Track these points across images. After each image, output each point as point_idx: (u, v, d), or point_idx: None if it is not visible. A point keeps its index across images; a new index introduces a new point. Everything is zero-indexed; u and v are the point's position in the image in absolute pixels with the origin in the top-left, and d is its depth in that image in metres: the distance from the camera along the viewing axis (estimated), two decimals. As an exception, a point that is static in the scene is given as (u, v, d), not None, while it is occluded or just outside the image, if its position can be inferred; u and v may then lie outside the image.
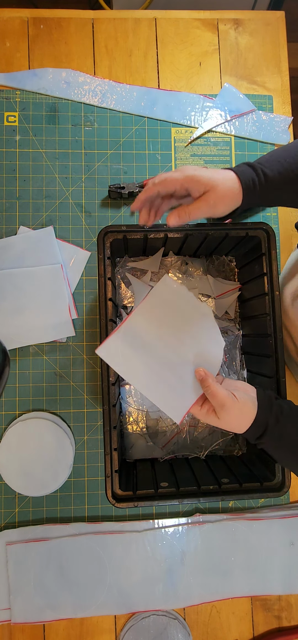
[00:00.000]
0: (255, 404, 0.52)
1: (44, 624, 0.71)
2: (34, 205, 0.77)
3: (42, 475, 0.72)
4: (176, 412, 0.55)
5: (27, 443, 0.72)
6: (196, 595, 0.72)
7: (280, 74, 0.83)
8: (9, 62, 0.79)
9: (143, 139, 0.80)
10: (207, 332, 0.57)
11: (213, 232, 0.63)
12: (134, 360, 0.56)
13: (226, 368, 0.74)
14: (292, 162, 0.52)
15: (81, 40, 0.81)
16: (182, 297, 0.58)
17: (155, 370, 0.56)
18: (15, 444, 0.72)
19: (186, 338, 0.57)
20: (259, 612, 0.74)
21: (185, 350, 0.56)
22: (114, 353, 0.56)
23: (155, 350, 0.56)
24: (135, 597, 0.71)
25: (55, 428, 0.73)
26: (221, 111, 0.81)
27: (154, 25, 0.82)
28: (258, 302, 0.66)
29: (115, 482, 0.60)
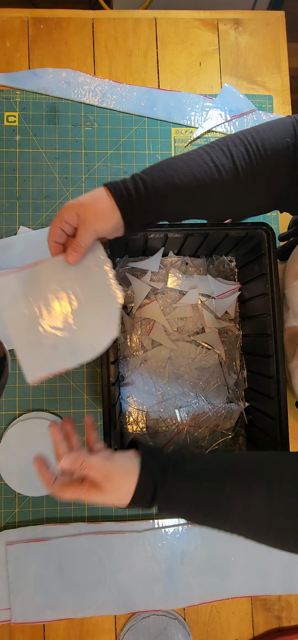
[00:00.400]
0: (136, 469, 0.46)
1: (44, 624, 0.71)
2: (34, 205, 0.77)
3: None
4: (33, 371, 0.50)
5: (27, 443, 0.72)
6: (196, 595, 0.72)
7: (280, 74, 0.83)
8: (9, 62, 0.79)
9: (143, 139, 0.80)
10: (103, 289, 0.51)
11: (213, 232, 0.63)
12: (21, 309, 0.50)
13: (226, 368, 0.74)
14: (174, 172, 0.47)
15: (81, 40, 0.81)
16: (94, 267, 0.51)
17: (36, 323, 0.50)
18: (15, 444, 0.72)
19: (83, 303, 0.51)
20: (259, 612, 0.74)
21: (79, 314, 0.50)
22: (4, 291, 0.50)
23: (47, 307, 0.50)
24: (135, 597, 0.71)
25: (55, 428, 0.73)
26: (221, 111, 0.81)
27: (154, 25, 0.82)
28: (258, 302, 0.66)
29: (115, 482, 0.59)
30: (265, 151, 0.47)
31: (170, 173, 0.47)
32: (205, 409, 0.73)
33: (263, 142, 0.47)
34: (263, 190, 0.49)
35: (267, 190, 0.49)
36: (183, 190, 0.47)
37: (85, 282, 0.51)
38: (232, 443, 0.74)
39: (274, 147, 0.47)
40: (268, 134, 0.47)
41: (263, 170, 0.47)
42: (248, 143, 0.47)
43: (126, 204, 0.47)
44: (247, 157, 0.47)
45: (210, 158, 0.47)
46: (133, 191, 0.46)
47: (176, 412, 0.73)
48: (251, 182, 0.48)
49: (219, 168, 0.46)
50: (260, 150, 0.47)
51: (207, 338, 0.74)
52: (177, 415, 0.73)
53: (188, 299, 0.72)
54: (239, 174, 0.47)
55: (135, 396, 0.73)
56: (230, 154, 0.47)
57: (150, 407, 0.73)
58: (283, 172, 0.48)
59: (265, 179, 0.48)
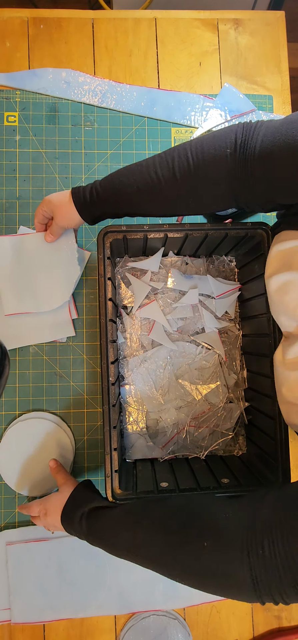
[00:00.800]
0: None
1: (44, 624, 0.71)
2: (34, 205, 0.77)
3: (42, 475, 0.72)
4: (8, 307, 0.71)
5: (27, 443, 0.72)
6: (196, 595, 0.72)
7: (280, 73, 0.83)
8: (9, 62, 0.79)
9: (143, 139, 0.80)
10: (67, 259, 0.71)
11: (213, 232, 0.63)
12: (8, 262, 0.71)
13: (226, 368, 0.74)
14: (126, 180, 0.57)
15: (81, 40, 0.81)
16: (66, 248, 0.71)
17: (16, 276, 0.71)
18: (15, 444, 0.72)
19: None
20: (259, 612, 0.74)
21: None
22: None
23: (25, 266, 0.71)
24: (135, 597, 0.71)
25: (55, 428, 0.73)
26: (221, 111, 0.81)
27: (154, 25, 0.82)
28: (258, 302, 0.66)
29: (115, 482, 0.60)
30: (204, 160, 0.52)
31: (119, 184, 0.58)
32: (205, 409, 0.73)
33: (203, 153, 0.52)
34: (204, 195, 0.55)
35: (208, 194, 0.55)
36: (127, 197, 0.58)
37: (55, 255, 0.71)
38: (232, 443, 0.74)
39: (211, 155, 0.52)
40: (209, 145, 0.52)
41: (201, 178, 0.53)
42: (191, 154, 0.53)
43: (84, 208, 0.61)
44: (186, 166, 0.53)
45: (154, 170, 0.55)
46: (88, 199, 0.60)
47: (176, 412, 0.73)
48: (190, 188, 0.55)
49: (160, 179, 0.55)
50: (200, 159, 0.52)
51: (207, 338, 0.74)
52: (177, 415, 0.73)
53: (188, 299, 0.72)
54: (178, 182, 0.54)
55: (135, 396, 0.73)
56: (173, 165, 0.54)
57: (150, 407, 0.73)
58: (222, 179, 0.52)
59: (204, 186, 0.54)
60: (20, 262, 0.71)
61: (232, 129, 0.52)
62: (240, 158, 0.50)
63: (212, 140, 0.52)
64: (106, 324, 0.60)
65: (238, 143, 0.50)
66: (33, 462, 0.72)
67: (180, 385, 0.73)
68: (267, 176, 0.49)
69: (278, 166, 0.48)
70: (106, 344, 0.60)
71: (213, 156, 0.52)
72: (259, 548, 0.41)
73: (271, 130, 0.48)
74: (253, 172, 0.50)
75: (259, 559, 0.40)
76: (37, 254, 0.71)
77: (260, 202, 0.53)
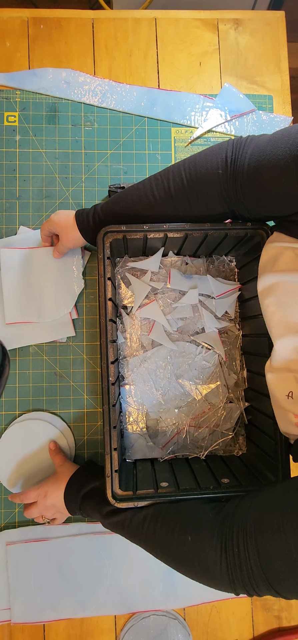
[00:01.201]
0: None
1: (44, 624, 0.71)
2: (34, 205, 0.77)
3: (41, 475, 0.72)
4: (10, 315, 0.73)
5: (27, 443, 0.72)
6: (196, 595, 0.72)
7: (280, 73, 0.83)
8: (9, 62, 0.79)
9: (143, 139, 0.80)
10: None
11: (213, 232, 0.63)
12: (16, 272, 0.74)
13: (226, 368, 0.74)
14: (125, 204, 0.61)
15: (81, 40, 0.81)
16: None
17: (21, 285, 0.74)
18: (15, 444, 0.72)
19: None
20: (259, 612, 0.74)
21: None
22: (9, 257, 0.74)
23: (31, 278, 0.74)
24: (135, 597, 0.71)
25: (55, 428, 0.73)
26: (221, 111, 0.81)
27: (154, 25, 0.82)
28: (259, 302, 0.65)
29: (115, 482, 0.59)
30: (197, 178, 0.56)
31: (119, 209, 0.61)
32: (205, 409, 0.73)
33: (196, 173, 0.55)
34: (200, 210, 0.59)
35: (203, 209, 0.59)
36: (127, 218, 0.61)
37: (62, 270, 0.75)
38: (232, 443, 0.74)
39: (204, 176, 0.55)
40: (201, 164, 0.55)
41: (195, 197, 0.57)
42: (184, 174, 0.56)
43: (87, 232, 0.65)
44: (180, 185, 0.56)
45: (151, 192, 0.59)
46: (91, 221, 0.64)
47: (176, 412, 0.73)
48: (184, 202, 0.58)
49: (157, 199, 0.59)
50: (193, 177, 0.56)
51: (207, 338, 0.74)
52: (177, 415, 0.73)
53: (188, 299, 0.72)
54: (174, 201, 0.58)
55: (135, 396, 0.73)
56: (168, 186, 0.57)
57: (150, 407, 0.73)
58: (215, 196, 0.56)
59: (198, 204, 0.58)
60: (27, 274, 0.74)
61: (223, 147, 0.55)
62: (230, 177, 0.53)
63: (204, 159, 0.56)
64: (106, 324, 0.60)
65: (229, 162, 0.53)
66: (33, 462, 0.72)
67: (180, 385, 0.73)
68: (256, 194, 0.52)
69: (265, 184, 0.50)
70: (106, 344, 0.60)
71: (206, 176, 0.55)
72: (235, 547, 0.46)
73: (258, 149, 0.51)
74: (243, 190, 0.53)
75: (235, 558, 0.46)
76: (44, 267, 0.74)
77: (253, 215, 0.57)
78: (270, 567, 0.43)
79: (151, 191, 0.59)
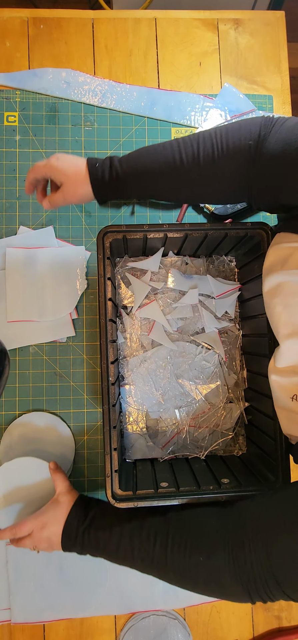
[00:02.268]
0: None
1: (44, 624, 0.71)
2: (34, 205, 0.77)
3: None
4: (12, 314, 0.73)
5: (27, 443, 0.72)
6: (196, 595, 0.71)
7: (280, 74, 0.83)
8: (9, 62, 0.79)
9: (143, 139, 0.80)
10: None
11: (213, 232, 0.63)
12: (19, 272, 0.74)
13: (226, 368, 0.74)
14: (148, 159, 0.56)
15: (81, 40, 0.81)
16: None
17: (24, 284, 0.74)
18: (15, 444, 0.72)
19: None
20: (259, 612, 0.74)
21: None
22: (13, 256, 0.74)
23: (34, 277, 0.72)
24: (135, 597, 0.71)
25: (55, 428, 0.73)
26: (221, 111, 0.81)
27: (154, 25, 0.82)
28: (258, 302, 0.66)
29: (115, 482, 0.59)
30: (228, 150, 0.52)
31: (141, 166, 0.55)
32: (205, 409, 0.73)
33: (227, 141, 0.52)
34: (223, 183, 0.55)
35: (226, 182, 0.55)
36: (149, 180, 0.56)
37: (65, 271, 0.74)
38: (232, 443, 0.74)
39: (236, 147, 0.52)
40: (234, 134, 0.53)
41: (222, 166, 0.53)
42: (215, 141, 0.53)
43: (100, 187, 0.57)
44: (211, 153, 0.53)
45: (179, 153, 0.54)
46: (107, 179, 0.56)
47: (176, 412, 0.73)
48: (211, 174, 0.54)
49: (183, 161, 0.54)
50: (224, 148, 0.53)
51: (207, 338, 0.74)
52: (177, 415, 0.73)
53: (188, 299, 0.72)
54: (200, 166, 0.53)
55: (135, 396, 0.73)
56: (197, 149, 0.53)
57: (150, 407, 0.73)
58: (242, 170, 0.53)
59: (224, 173, 0.54)
60: (31, 273, 0.74)
61: (255, 121, 0.52)
62: (258, 152, 0.51)
63: (237, 130, 0.53)
64: (106, 324, 0.60)
65: (261, 136, 0.51)
66: (25, 499, 0.70)
67: (180, 385, 0.73)
68: (278, 176, 0.50)
69: (286, 166, 0.49)
70: (106, 344, 0.60)
71: (236, 145, 0.52)
72: (248, 561, 0.46)
73: (285, 129, 0.49)
74: (267, 167, 0.51)
75: (248, 572, 0.46)
76: (48, 268, 0.74)
77: (268, 198, 0.54)
78: (281, 573, 0.43)
79: (179, 153, 0.54)
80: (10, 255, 0.74)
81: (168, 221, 0.78)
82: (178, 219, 0.78)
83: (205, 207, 0.77)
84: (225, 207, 0.76)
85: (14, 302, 0.73)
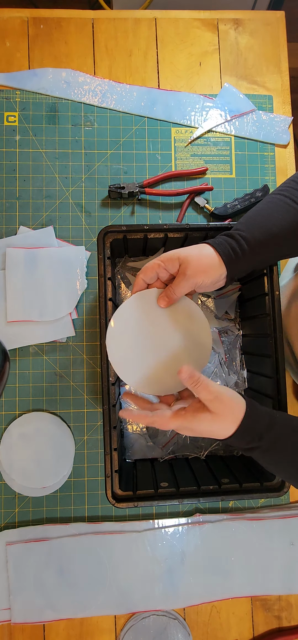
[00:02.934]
0: (243, 401, 0.49)
1: (44, 624, 0.71)
2: (34, 205, 0.77)
3: (42, 475, 0.72)
4: (12, 314, 0.72)
5: (27, 443, 0.72)
6: (196, 595, 0.72)
7: (280, 74, 0.83)
8: (9, 62, 0.79)
9: (143, 139, 0.80)
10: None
11: (213, 232, 0.63)
12: (19, 272, 0.72)
13: (226, 368, 0.74)
14: (268, 221, 0.52)
15: (81, 40, 0.81)
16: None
17: (23, 286, 0.72)
18: (15, 444, 0.72)
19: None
20: (259, 612, 0.74)
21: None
22: (13, 257, 0.72)
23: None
24: (135, 597, 0.71)
25: (55, 428, 0.73)
26: (221, 111, 0.81)
27: (154, 25, 0.82)
28: (258, 302, 0.66)
29: (115, 482, 0.60)
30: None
31: (266, 224, 0.51)
32: (205, 409, 0.73)
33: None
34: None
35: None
36: (280, 237, 0.51)
37: (66, 271, 0.74)
38: (232, 443, 0.74)
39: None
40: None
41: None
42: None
43: (233, 262, 0.51)
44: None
45: (293, 207, 0.51)
46: (238, 250, 0.51)
47: (176, 412, 0.73)
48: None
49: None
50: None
51: (207, 338, 0.74)
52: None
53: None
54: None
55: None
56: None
57: (150, 407, 0.73)
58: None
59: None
60: (31, 274, 0.74)
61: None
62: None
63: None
64: (106, 324, 0.60)
65: None
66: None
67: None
68: None
69: None
70: (106, 344, 0.60)
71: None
72: None
73: None
74: None
75: None
76: (48, 268, 0.74)
77: None
78: None
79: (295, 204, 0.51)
80: (10, 255, 0.74)
81: (169, 221, 0.78)
82: (179, 219, 0.78)
83: (205, 207, 0.77)
84: (225, 207, 0.76)
85: (14, 302, 0.73)
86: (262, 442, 0.48)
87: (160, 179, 0.77)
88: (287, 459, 0.49)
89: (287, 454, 0.48)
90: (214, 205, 0.78)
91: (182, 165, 0.80)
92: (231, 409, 0.47)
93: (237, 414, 0.47)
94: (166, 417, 0.48)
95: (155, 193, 0.76)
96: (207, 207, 0.77)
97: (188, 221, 0.78)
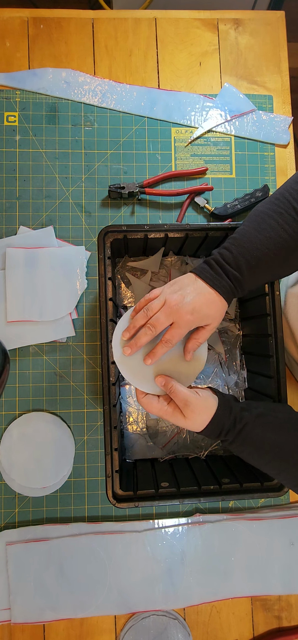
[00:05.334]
0: (215, 403, 0.54)
1: (44, 624, 0.71)
2: (34, 205, 0.77)
3: (42, 475, 0.72)
4: (12, 314, 0.72)
5: (27, 443, 0.72)
6: (196, 595, 0.72)
7: (280, 73, 0.83)
8: (9, 62, 0.79)
9: (143, 139, 0.80)
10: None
11: (213, 232, 0.63)
12: (19, 272, 0.73)
13: (226, 368, 0.74)
14: (261, 239, 0.53)
15: (81, 40, 0.81)
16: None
17: (24, 286, 0.73)
18: (15, 444, 0.72)
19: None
20: (259, 612, 0.74)
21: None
22: (13, 257, 0.73)
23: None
24: (135, 597, 0.71)
25: (55, 428, 0.73)
26: (221, 111, 0.81)
27: (154, 25, 0.82)
28: (258, 302, 0.66)
29: (116, 482, 0.60)
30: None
31: (259, 246, 0.53)
32: (205, 409, 0.73)
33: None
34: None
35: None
36: (274, 258, 0.53)
37: (66, 271, 0.74)
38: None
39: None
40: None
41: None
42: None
43: (232, 295, 0.55)
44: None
45: (281, 228, 0.52)
46: (237, 284, 0.54)
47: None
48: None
49: (294, 236, 0.52)
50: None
51: (207, 338, 0.74)
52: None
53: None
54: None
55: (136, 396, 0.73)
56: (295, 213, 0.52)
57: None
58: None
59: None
60: (31, 273, 0.74)
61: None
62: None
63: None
64: (107, 324, 0.60)
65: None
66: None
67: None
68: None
69: None
70: (107, 343, 0.60)
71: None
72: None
73: None
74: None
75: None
76: (48, 268, 0.74)
77: None
78: None
79: (283, 230, 0.52)
80: (10, 255, 0.74)
81: (169, 221, 0.78)
82: (179, 219, 0.78)
83: (205, 207, 0.77)
84: (225, 207, 0.76)
85: (14, 302, 0.73)
86: (229, 436, 0.54)
87: (160, 179, 0.77)
88: (257, 453, 0.54)
89: (253, 447, 0.54)
90: (214, 205, 0.78)
91: (182, 165, 0.80)
92: (199, 413, 0.53)
93: (205, 417, 0.53)
94: (152, 405, 0.55)
95: (155, 193, 0.76)
96: (207, 207, 0.77)
97: (189, 221, 0.78)
